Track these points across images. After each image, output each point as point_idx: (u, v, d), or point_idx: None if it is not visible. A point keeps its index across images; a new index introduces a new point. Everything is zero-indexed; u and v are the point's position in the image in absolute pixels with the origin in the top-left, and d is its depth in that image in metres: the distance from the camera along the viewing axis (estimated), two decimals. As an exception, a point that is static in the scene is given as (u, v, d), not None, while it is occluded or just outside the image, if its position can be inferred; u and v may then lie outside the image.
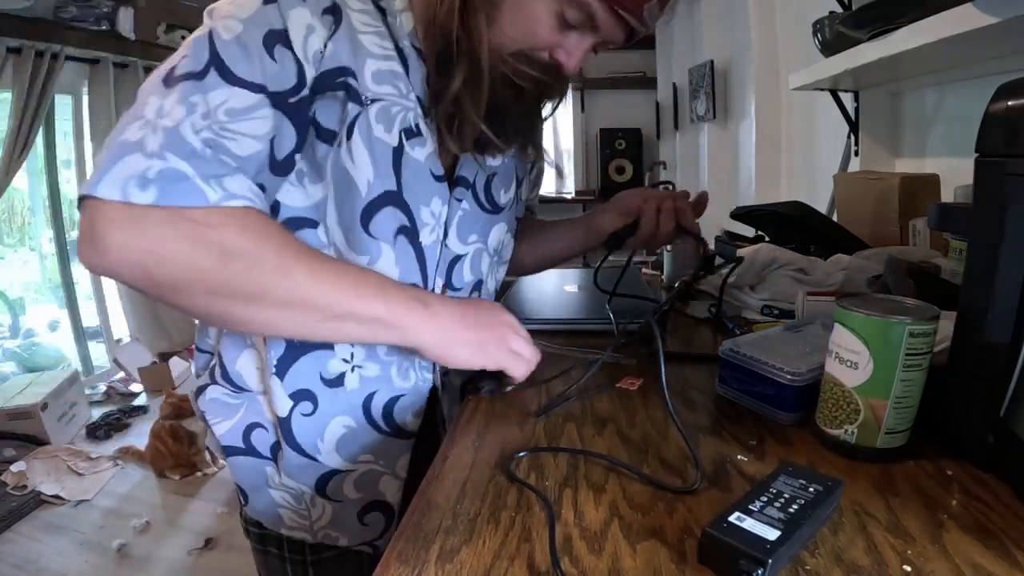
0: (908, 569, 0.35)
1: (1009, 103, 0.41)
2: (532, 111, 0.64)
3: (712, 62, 2.60)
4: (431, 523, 0.41)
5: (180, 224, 0.44)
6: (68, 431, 2.72)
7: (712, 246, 1.30)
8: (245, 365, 0.62)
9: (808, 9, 1.51)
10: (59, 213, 3.22)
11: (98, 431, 2.76)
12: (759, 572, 0.33)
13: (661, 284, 1.21)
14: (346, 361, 0.62)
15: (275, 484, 0.65)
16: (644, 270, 1.38)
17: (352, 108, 0.54)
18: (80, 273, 3.39)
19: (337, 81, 0.53)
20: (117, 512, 2.17)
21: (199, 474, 2.37)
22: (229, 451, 0.65)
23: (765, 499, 0.38)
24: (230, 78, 0.47)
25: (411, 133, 0.58)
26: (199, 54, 0.47)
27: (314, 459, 0.63)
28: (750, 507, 0.37)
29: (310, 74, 0.52)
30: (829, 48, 1.16)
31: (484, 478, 0.47)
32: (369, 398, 0.63)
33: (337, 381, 0.62)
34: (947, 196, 1.08)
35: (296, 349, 0.60)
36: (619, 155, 4.27)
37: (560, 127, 4.49)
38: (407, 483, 0.66)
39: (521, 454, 0.50)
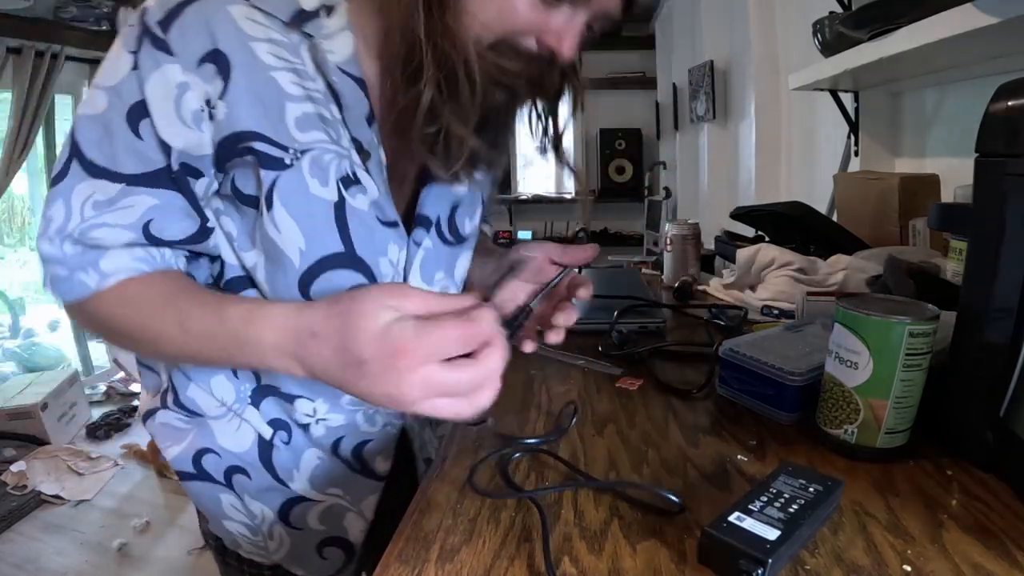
0: (908, 569, 0.35)
1: (1009, 103, 0.41)
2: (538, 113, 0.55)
3: (712, 62, 2.60)
4: (431, 522, 0.41)
5: (79, 316, 0.51)
6: (68, 431, 2.72)
7: (712, 246, 1.31)
8: (198, 392, 0.59)
9: (808, 9, 1.51)
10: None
11: (98, 431, 2.76)
12: (759, 572, 0.33)
13: (661, 284, 1.21)
14: (309, 416, 0.59)
15: (231, 514, 0.62)
16: (644, 270, 1.38)
17: (267, 174, 0.48)
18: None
19: (239, 147, 0.47)
20: (117, 512, 2.17)
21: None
22: (182, 476, 0.62)
23: (765, 499, 0.38)
24: (91, 169, 0.46)
25: (349, 182, 0.51)
26: (64, 149, 0.47)
27: (285, 485, 0.61)
28: (750, 507, 0.37)
29: (194, 143, 0.46)
30: (829, 48, 1.16)
31: (484, 477, 0.47)
32: (337, 442, 0.61)
33: (304, 426, 0.60)
34: (947, 196, 1.08)
35: (263, 389, 0.58)
36: (619, 155, 4.27)
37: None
38: (373, 526, 0.64)
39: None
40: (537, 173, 4.60)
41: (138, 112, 0.45)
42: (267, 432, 0.59)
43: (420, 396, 0.37)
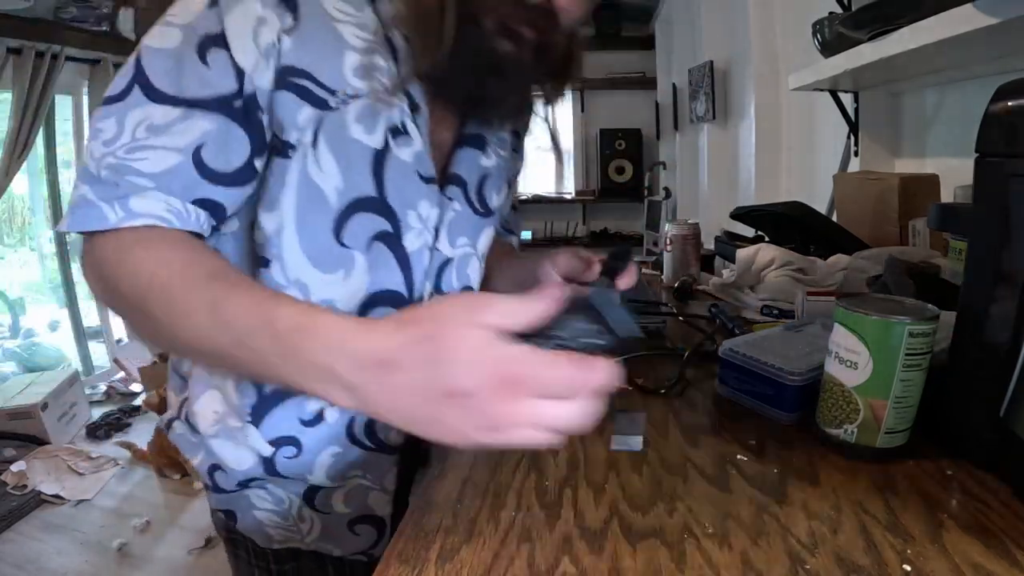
0: (908, 568, 0.35)
1: (1009, 103, 0.42)
2: (533, 71, 0.56)
3: (712, 62, 2.60)
4: (431, 522, 0.41)
5: (94, 267, 0.47)
6: (68, 431, 2.72)
7: (712, 246, 1.31)
8: (203, 407, 0.59)
9: (808, 10, 1.51)
10: (59, 213, 3.22)
11: (98, 431, 2.76)
12: None
13: (661, 284, 1.21)
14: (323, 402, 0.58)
15: (258, 504, 0.63)
16: (644, 270, 1.38)
17: (313, 112, 0.50)
18: (80, 273, 3.40)
19: (294, 83, 0.49)
20: (117, 512, 2.17)
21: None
22: (205, 486, 0.64)
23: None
24: (152, 94, 0.46)
25: (397, 132, 0.54)
26: (125, 73, 0.47)
27: (302, 480, 0.61)
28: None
29: (261, 70, 0.48)
30: (829, 49, 1.16)
31: (484, 477, 0.47)
32: (351, 422, 0.60)
33: (317, 419, 0.58)
34: (947, 196, 1.08)
35: (268, 399, 0.57)
36: (619, 155, 4.28)
37: (560, 127, 4.50)
38: (396, 495, 0.64)
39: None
40: (537, 173, 4.60)
41: (211, 42, 0.46)
42: (267, 451, 0.58)
43: (526, 424, 0.33)
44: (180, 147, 0.46)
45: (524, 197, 4.61)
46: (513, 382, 0.33)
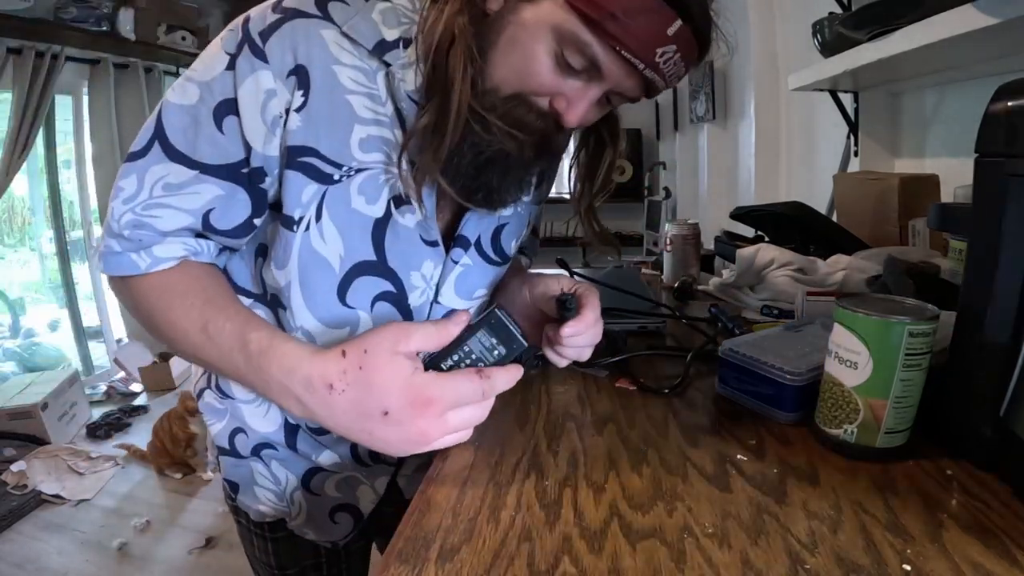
0: (908, 568, 0.35)
1: (1009, 103, 0.42)
2: (536, 164, 0.56)
3: (712, 63, 2.60)
4: (431, 522, 0.41)
5: (123, 292, 0.55)
6: (68, 431, 2.72)
7: (712, 246, 1.31)
8: None
9: (808, 10, 1.51)
10: (59, 213, 3.22)
11: (98, 431, 2.76)
12: None
13: (661, 284, 1.21)
14: None
15: (260, 481, 0.67)
16: (644, 270, 1.38)
17: (318, 188, 0.52)
18: (80, 273, 3.39)
19: (301, 162, 0.50)
20: (118, 511, 2.17)
21: (200, 475, 2.37)
22: (220, 451, 0.68)
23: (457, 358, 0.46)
24: (170, 153, 0.49)
25: (400, 201, 0.55)
26: (148, 128, 0.50)
27: (308, 459, 0.66)
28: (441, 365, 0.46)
29: (269, 142, 0.50)
30: (828, 49, 1.16)
31: (484, 477, 0.47)
32: (355, 444, 0.65)
33: (322, 430, 0.63)
34: (947, 196, 1.08)
35: None
36: (619, 155, 4.27)
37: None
38: (382, 499, 0.69)
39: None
40: (537, 173, 4.59)
41: (226, 108, 0.49)
42: (294, 418, 0.64)
43: (437, 436, 0.44)
44: (191, 209, 0.51)
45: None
46: (426, 403, 0.43)
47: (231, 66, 0.48)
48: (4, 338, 3.61)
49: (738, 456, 0.49)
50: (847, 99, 1.43)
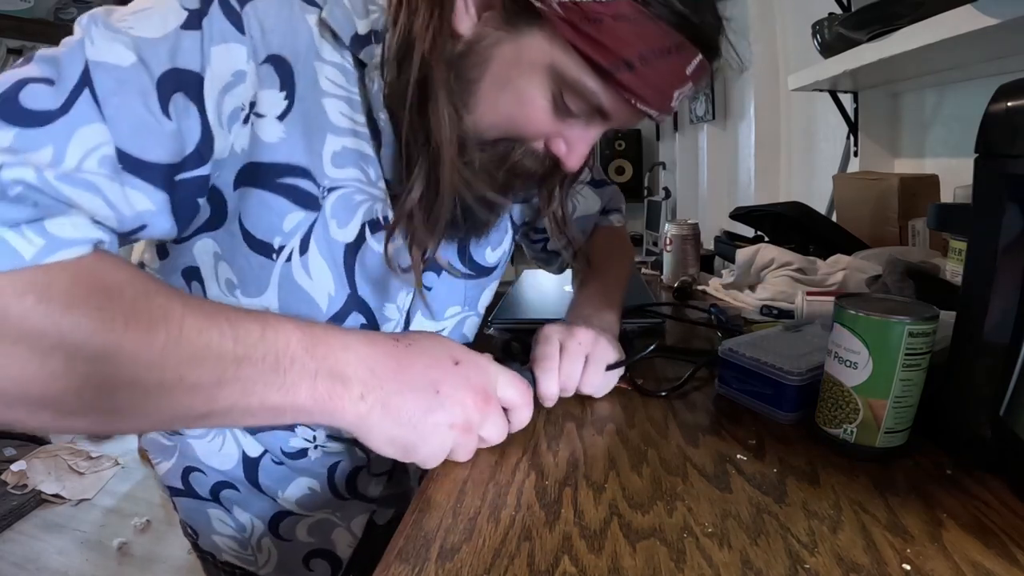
0: (907, 568, 0.35)
1: (1009, 103, 0.42)
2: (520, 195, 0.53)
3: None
4: (431, 521, 0.41)
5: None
6: (68, 431, 2.72)
7: (712, 246, 1.31)
8: None
9: (807, 10, 1.51)
10: (59, 213, 3.22)
11: (98, 431, 2.76)
12: None
13: (661, 284, 1.21)
14: (308, 441, 0.58)
15: (220, 528, 0.62)
16: (644, 270, 1.38)
17: (307, 216, 0.43)
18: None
19: (285, 184, 0.40)
20: (118, 511, 2.17)
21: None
22: (172, 491, 0.62)
23: None
24: (100, 119, 0.33)
25: (376, 226, 0.48)
26: (68, 74, 0.32)
27: (273, 499, 0.61)
28: None
29: (222, 141, 0.37)
30: (828, 49, 1.16)
31: (484, 476, 0.47)
32: (333, 467, 0.60)
33: (300, 455, 0.59)
34: (946, 196, 1.08)
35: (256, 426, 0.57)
36: (619, 156, 4.27)
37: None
38: (361, 542, 0.63)
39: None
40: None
41: (177, 83, 0.34)
42: (255, 450, 0.58)
43: (486, 427, 0.44)
44: (126, 216, 0.35)
45: (524, 197, 4.60)
46: (486, 393, 0.42)
47: (194, 25, 0.34)
48: (4, 338, 3.61)
49: (738, 456, 0.49)
50: (847, 99, 1.43)
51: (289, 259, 0.44)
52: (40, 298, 0.28)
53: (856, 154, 1.44)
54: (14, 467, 2.30)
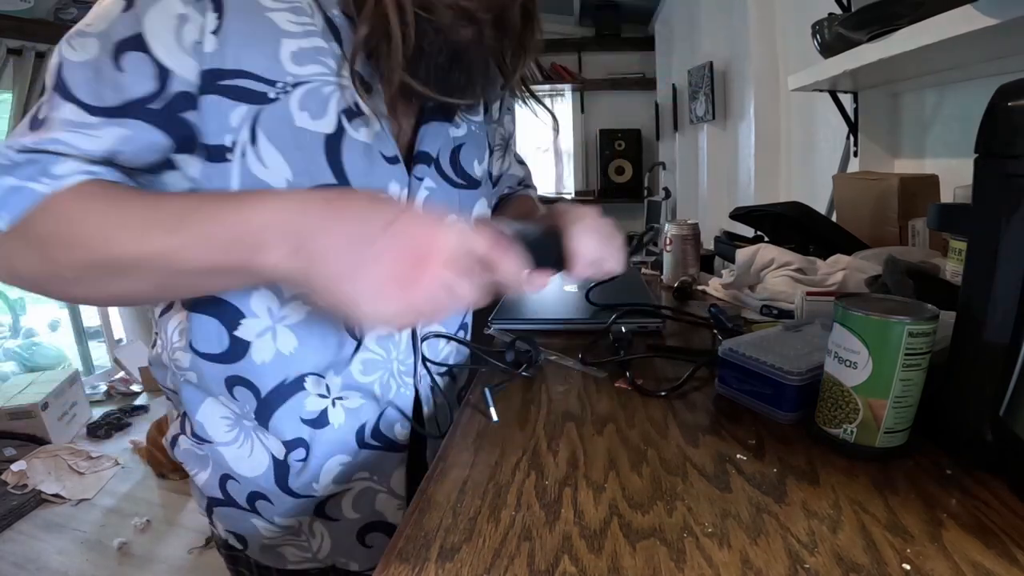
0: (907, 568, 0.35)
1: (1009, 103, 0.42)
2: (495, 49, 0.54)
3: (711, 63, 2.61)
4: (431, 521, 0.41)
5: (23, 245, 0.43)
6: (69, 430, 2.72)
7: (712, 246, 1.31)
8: (209, 414, 0.59)
9: (807, 10, 1.51)
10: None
11: (99, 430, 2.77)
12: None
13: (661, 284, 1.21)
14: (323, 396, 0.58)
15: (268, 533, 0.63)
16: (644, 270, 1.38)
17: (249, 109, 0.47)
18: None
19: (226, 85, 0.46)
20: (118, 511, 2.17)
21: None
22: (213, 502, 0.63)
23: None
24: (71, 98, 0.44)
25: (352, 114, 0.51)
26: (48, 86, 0.45)
27: (310, 496, 0.61)
28: None
29: (189, 68, 0.45)
30: (828, 49, 1.16)
31: (484, 476, 0.47)
32: (361, 429, 0.61)
33: (322, 420, 0.58)
34: (946, 197, 1.09)
35: (269, 402, 0.56)
36: (619, 156, 4.28)
37: (560, 128, 4.51)
38: (408, 502, 0.63)
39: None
40: (537, 174, 4.60)
41: (127, 46, 0.44)
42: (280, 451, 0.59)
43: (429, 284, 0.40)
44: (91, 150, 0.45)
45: (524, 197, 4.60)
46: (427, 247, 0.40)
47: (129, 5, 0.44)
48: (4, 338, 3.62)
49: (738, 456, 0.49)
50: (847, 99, 1.43)
51: (244, 155, 0.49)
52: (63, 214, 0.43)
53: (856, 154, 1.44)
54: (14, 467, 2.31)
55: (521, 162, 0.85)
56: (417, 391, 0.65)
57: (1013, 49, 0.85)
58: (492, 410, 0.57)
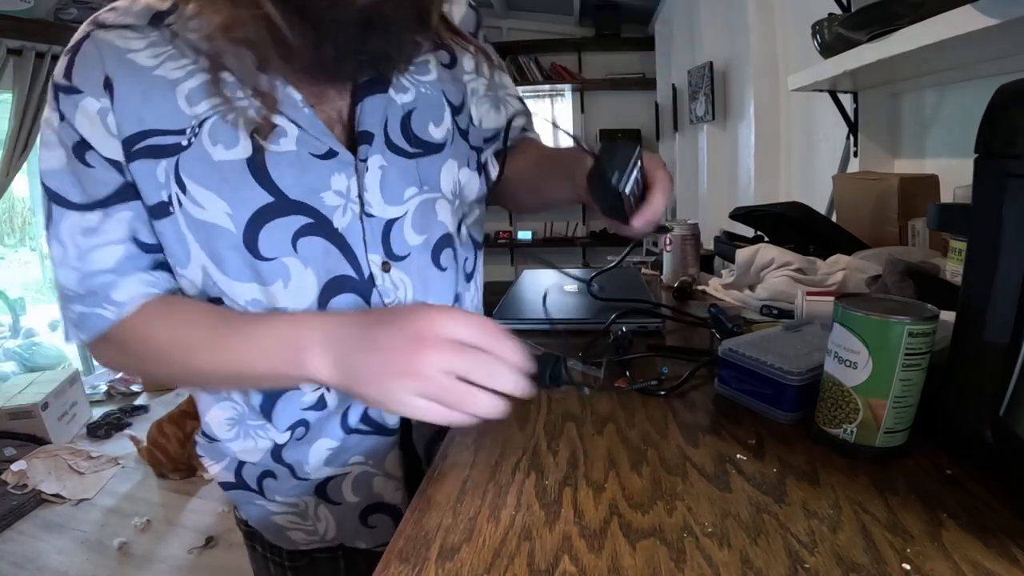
0: (907, 567, 0.35)
1: (1009, 103, 0.42)
2: (399, 11, 0.50)
3: (711, 63, 2.61)
4: (431, 521, 0.41)
5: (111, 353, 0.56)
6: (69, 430, 2.73)
7: (712, 246, 1.31)
8: (215, 417, 0.63)
9: (807, 10, 1.51)
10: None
11: (99, 430, 2.77)
12: None
13: (661, 284, 1.21)
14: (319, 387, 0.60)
15: (277, 510, 0.65)
16: (644, 270, 1.38)
17: (169, 162, 0.51)
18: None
19: (141, 147, 0.50)
20: (118, 511, 2.17)
21: (201, 475, 2.37)
22: (226, 487, 0.67)
23: None
24: (71, 206, 0.51)
25: (262, 130, 0.52)
26: (42, 202, 0.53)
27: (305, 478, 0.63)
28: None
29: (119, 152, 0.51)
30: (828, 50, 1.16)
31: (484, 476, 0.47)
32: (347, 412, 0.62)
33: (319, 404, 0.60)
34: (946, 197, 1.09)
35: (271, 394, 0.60)
36: None
37: (561, 125, 4.51)
38: (407, 483, 0.65)
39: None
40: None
41: (81, 149, 0.50)
42: (283, 438, 0.62)
43: (432, 374, 0.41)
44: (119, 239, 0.52)
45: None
46: (420, 335, 0.42)
47: (61, 117, 0.50)
48: (4, 338, 3.62)
49: (738, 456, 0.49)
50: (847, 99, 1.43)
51: (181, 204, 0.52)
52: (133, 333, 0.54)
53: (856, 154, 1.44)
54: (14, 467, 2.31)
55: (523, 111, 0.78)
56: None
57: (1013, 49, 0.85)
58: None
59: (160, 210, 0.52)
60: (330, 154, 0.54)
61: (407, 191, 0.59)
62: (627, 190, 0.50)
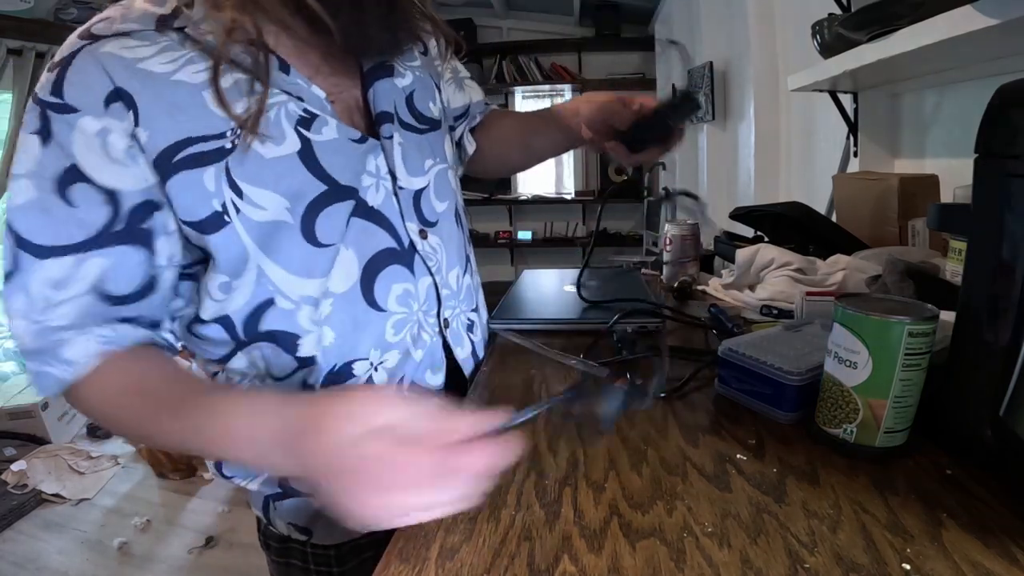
0: (907, 567, 0.35)
1: (1009, 103, 0.42)
2: None
3: (711, 63, 2.61)
4: (431, 521, 0.41)
5: (78, 406, 0.51)
6: (69, 430, 2.72)
7: (712, 247, 1.31)
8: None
9: (807, 11, 1.51)
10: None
11: (99, 430, 2.76)
12: None
13: (661, 284, 1.21)
14: (371, 367, 0.60)
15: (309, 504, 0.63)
16: (644, 270, 1.38)
17: (217, 167, 0.48)
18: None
19: (182, 158, 0.47)
20: (118, 511, 2.17)
21: (201, 475, 2.37)
22: (273, 498, 0.64)
23: None
24: (40, 253, 0.46)
25: (306, 120, 0.52)
26: (7, 244, 0.47)
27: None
28: None
29: (135, 177, 0.47)
30: (828, 50, 1.16)
31: (484, 477, 0.47)
32: (400, 382, 0.62)
33: (367, 383, 0.60)
34: (946, 197, 1.08)
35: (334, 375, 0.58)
36: None
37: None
38: None
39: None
40: (537, 173, 4.60)
41: (68, 179, 0.45)
42: None
43: (385, 519, 0.35)
44: (84, 291, 0.47)
45: (524, 197, 4.61)
46: (355, 472, 0.35)
47: (46, 140, 0.45)
48: (4, 338, 3.61)
49: (738, 456, 0.49)
50: (847, 100, 1.43)
51: (239, 210, 0.49)
52: (90, 398, 0.50)
53: (856, 154, 1.44)
54: (14, 467, 2.31)
55: (476, 88, 0.86)
56: (444, 337, 0.67)
57: (1013, 49, 0.84)
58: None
59: (213, 223, 0.49)
60: (363, 138, 0.57)
61: (426, 163, 0.64)
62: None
